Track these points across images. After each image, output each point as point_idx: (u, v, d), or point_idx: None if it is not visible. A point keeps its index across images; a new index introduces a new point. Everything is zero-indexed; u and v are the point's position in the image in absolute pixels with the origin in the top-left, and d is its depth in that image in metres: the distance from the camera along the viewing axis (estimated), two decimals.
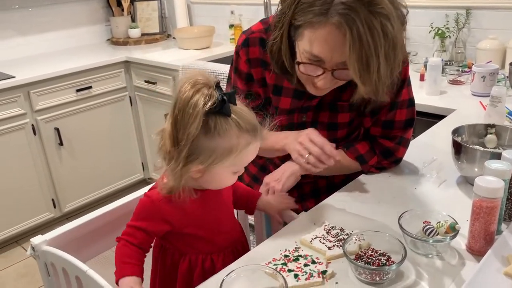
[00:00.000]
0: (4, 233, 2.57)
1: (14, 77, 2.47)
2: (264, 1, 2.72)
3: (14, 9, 2.94)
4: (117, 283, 0.87)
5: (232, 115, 0.83)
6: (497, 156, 0.96)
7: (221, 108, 0.81)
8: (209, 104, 0.79)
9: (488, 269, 0.77)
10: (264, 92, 1.18)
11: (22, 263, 2.55)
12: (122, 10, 3.32)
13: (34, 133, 2.58)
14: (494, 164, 0.88)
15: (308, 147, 1.06)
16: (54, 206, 2.76)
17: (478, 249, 0.86)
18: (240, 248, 1.03)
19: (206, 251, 0.96)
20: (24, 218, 2.64)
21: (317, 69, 0.96)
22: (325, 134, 1.17)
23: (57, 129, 2.65)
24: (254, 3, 2.93)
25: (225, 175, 0.89)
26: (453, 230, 0.84)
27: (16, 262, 2.55)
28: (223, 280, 0.77)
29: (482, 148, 1.09)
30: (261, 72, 1.15)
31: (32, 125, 2.56)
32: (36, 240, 1.06)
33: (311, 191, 1.26)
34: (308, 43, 0.93)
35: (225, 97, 0.81)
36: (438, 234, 0.85)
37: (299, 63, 0.98)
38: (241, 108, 0.86)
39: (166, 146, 0.84)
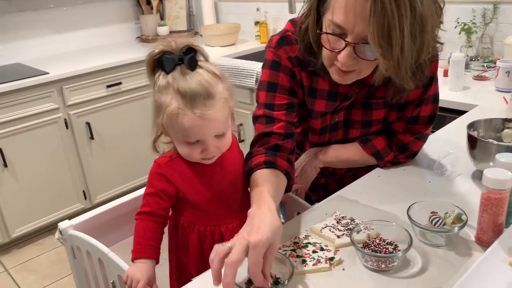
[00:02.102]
0: (38, 222, 2.70)
1: (48, 73, 2.58)
2: None
3: (50, 8, 3.07)
4: (132, 261, 0.93)
5: (172, 75, 0.89)
6: (511, 150, 0.96)
7: (159, 62, 0.90)
8: (155, 52, 0.90)
9: (493, 259, 0.78)
10: (302, 94, 1.14)
11: (54, 251, 2.67)
12: (151, 8, 3.41)
13: (67, 127, 2.69)
14: (505, 157, 0.88)
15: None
16: (85, 198, 2.87)
17: (486, 240, 0.86)
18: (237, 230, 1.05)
19: (213, 223, 1.01)
20: (57, 208, 2.75)
21: (339, 42, 0.92)
22: (359, 132, 1.18)
23: (88, 124, 2.75)
24: (279, 0, 2.96)
25: (177, 141, 0.95)
26: (459, 220, 0.85)
27: (48, 250, 2.68)
28: None
29: (496, 142, 1.09)
30: (300, 71, 1.11)
31: (65, 119, 2.67)
32: (63, 224, 1.13)
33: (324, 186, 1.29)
34: (331, 11, 0.90)
35: (167, 55, 0.89)
36: (445, 224, 0.87)
37: (321, 33, 0.95)
38: (193, 75, 0.89)
39: None
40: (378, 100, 1.12)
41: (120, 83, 2.83)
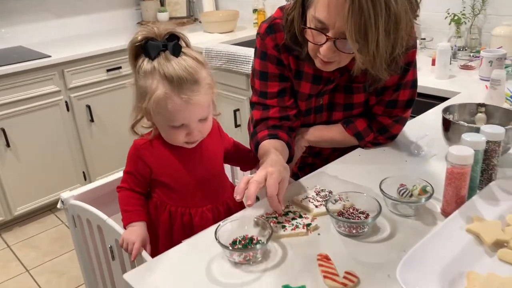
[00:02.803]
0: (39, 201, 2.79)
1: (50, 56, 2.65)
2: None
3: None
4: (125, 228, 1.02)
5: (158, 61, 0.93)
6: (479, 131, 1.04)
7: (143, 48, 0.94)
8: (138, 38, 0.94)
9: (453, 225, 0.87)
10: (291, 77, 1.23)
11: (55, 229, 2.77)
12: None
13: (68, 110, 2.77)
14: (470, 136, 0.96)
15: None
16: (85, 179, 2.96)
17: (450, 211, 0.95)
18: (222, 209, 1.13)
19: (183, 205, 1.08)
20: (57, 188, 2.84)
21: (321, 36, 0.99)
22: (341, 114, 1.26)
23: (88, 106, 2.83)
24: None
25: (161, 125, 1.00)
26: (425, 192, 0.94)
27: (49, 228, 2.77)
28: (219, 225, 0.90)
29: (466, 124, 1.17)
30: (287, 56, 1.19)
31: (66, 102, 2.75)
32: (65, 195, 1.22)
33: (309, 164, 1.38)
34: (314, 8, 0.97)
35: (152, 42, 0.93)
36: (412, 195, 0.95)
37: (305, 28, 1.03)
38: (177, 61, 0.94)
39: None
40: (358, 84, 1.20)
41: (120, 68, 2.91)
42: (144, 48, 0.95)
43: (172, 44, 0.94)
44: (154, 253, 1.01)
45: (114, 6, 3.45)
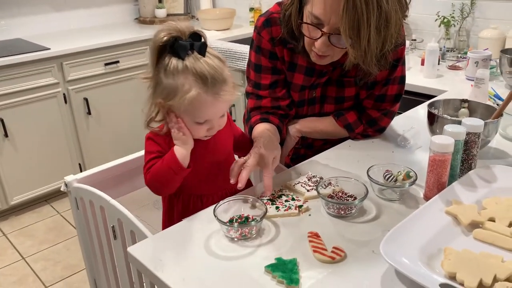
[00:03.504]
0: (35, 191, 2.83)
1: (49, 49, 2.70)
2: None
3: None
4: (180, 168, 1.01)
5: (189, 60, 0.94)
6: (461, 124, 1.12)
7: (172, 47, 0.94)
8: (164, 39, 0.94)
9: (433, 207, 0.94)
10: (285, 69, 1.30)
11: (51, 218, 2.81)
12: None
13: (65, 102, 2.81)
14: (451, 128, 1.04)
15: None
16: (81, 170, 3.00)
17: (432, 197, 1.02)
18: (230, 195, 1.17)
19: (196, 192, 1.12)
20: (54, 179, 2.88)
21: (316, 31, 1.06)
22: (333, 107, 1.33)
23: (86, 99, 2.88)
24: None
25: (186, 121, 1.00)
26: (408, 177, 1.01)
27: (45, 218, 2.82)
28: (216, 205, 0.96)
29: (449, 117, 1.25)
30: (282, 49, 1.26)
31: (64, 94, 2.79)
32: (69, 178, 1.28)
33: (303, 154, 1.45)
34: (311, 4, 1.05)
35: (182, 41, 0.93)
36: (396, 180, 1.03)
37: (302, 23, 1.11)
38: (207, 59, 0.95)
39: (145, 76, 1.01)
40: (350, 79, 1.27)
41: (117, 62, 2.96)
42: (171, 47, 0.94)
43: (200, 44, 0.95)
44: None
45: (113, 1, 3.50)
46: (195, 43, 0.95)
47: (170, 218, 1.17)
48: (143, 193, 1.60)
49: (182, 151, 1.01)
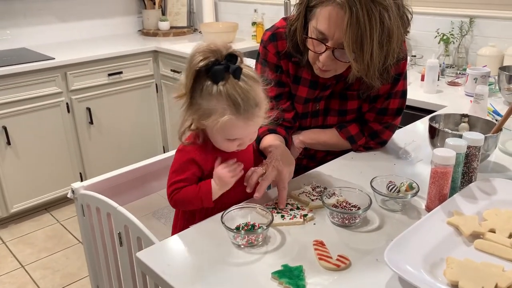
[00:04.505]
0: (35, 199, 2.85)
1: (53, 58, 2.73)
2: (284, 1, 2.94)
3: None
4: (208, 203, 1.04)
5: (221, 85, 0.95)
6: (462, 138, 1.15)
7: (209, 72, 0.95)
8: (200, 65, 0.94)
9: (435, 218, 0.96)
10: (290, 82, 1.33)
11: (50, 227, 2.82)
12: (154, 3, 3.58)
13: (68, 111, 2.84)
14: (453, 141, 1.07)
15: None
16: (81, 180, 3.02)
17: (433, 208, 1.04)
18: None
19: (220, 202, 1.10)
20: (54, 188, 2.90)
21: (321, 46, 1.11)
22: (336, 120, 1.37)
23: (88, 109, 2.91)
24: (276, 3, 3.15)
25: (219, 138, 1.03)
26: (411, 188, 1.04)
27: (45, 226, 2.82)
28: (224, 212, 0.98)
29: (450, 131, 1.28)
30: (287, 63, 1.30)
31: (67, 103, 2.82)
32: (76, 185, 1.30)
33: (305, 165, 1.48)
34: (316, 20, 1.10)
35: (217, 66, 0.94)
36: (399, 191, 1.05)
37: (307, 37, 1.15)
38: (241, 83, 0.96)
39: (178, 95, 1.02)
40: (353, 92, 1.31)
41: (121, 72, 2.99)
42: (208, 72, 0.95)
43: (235, 67, 0.96)
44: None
45: (117, 13, 3.56)
46: (230, 66, 0.96)
47: (184, 223, 1.16)
48: (144, 203, 1.62)
49: (217, 191, 1.05)
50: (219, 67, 0.95)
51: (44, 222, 2.86)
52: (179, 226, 1.18)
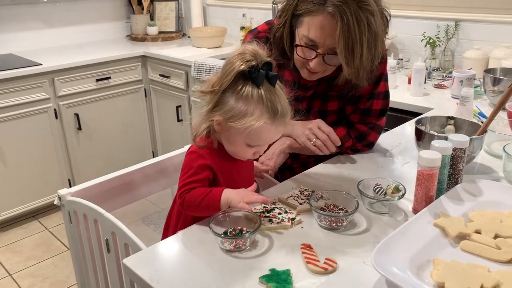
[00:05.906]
0: (23, 207, 2.81)
1: (41, 64, 2.71)
2: (272, 6, 2.95)
3: (43, 3, 3.21)
4: (223, 207, 1.01)
5: (262, 90, 0.96)
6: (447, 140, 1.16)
7: (251, 76, 0.95)
8: (243, 67, 0.95)
9: (421, 220, 0.97)
10: None
11: (38, 234, 2.78)
12: (142, 8, 3.57)
13: (56, 117, 2.82)
14: (438, 143, 1.08)
15: (316, 133, 1.28)
16: (70, 186, 2.99)
17: (420, 210, 1.05)
18: None
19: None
20: (42, 194, 2.87)
21: (311, 52, 1.16)
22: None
23: (76, 115, 2.89)
24: (263, 8, 3.17)
25: (239, 143, 1.02)
26: (397, 190, 1.04)
27: (33, 234, 2.79)
28: (211, 218, 0.98)
29: (436, 134, 1.29)
30: None
31: (55, 109, 2.80)
32: (63, 191, 1.29)
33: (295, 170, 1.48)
34: (306, 28, 1.13)
35: (261, 71, 0.95)
36: (386, 194, 1.06)
37: (297, 46, 1.18)
38: (276, 91, 0.99)
39: (205, 90, 1.01)
40: (333, 93, 1.34)
41: (109, 78, 2.98)
42: (251, 75, 0.96)
43: (273, 74, 0.98)
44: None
45: (105, 18, 3.54)
46: (269, 73, 0.97)
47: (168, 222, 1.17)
48: (132, 209, 1.61)
49: (225, 204, 1.01)
50: (262, 72, 0.96)
51: (32, 230, 2.83)
52: (172, 226, 1.17)
